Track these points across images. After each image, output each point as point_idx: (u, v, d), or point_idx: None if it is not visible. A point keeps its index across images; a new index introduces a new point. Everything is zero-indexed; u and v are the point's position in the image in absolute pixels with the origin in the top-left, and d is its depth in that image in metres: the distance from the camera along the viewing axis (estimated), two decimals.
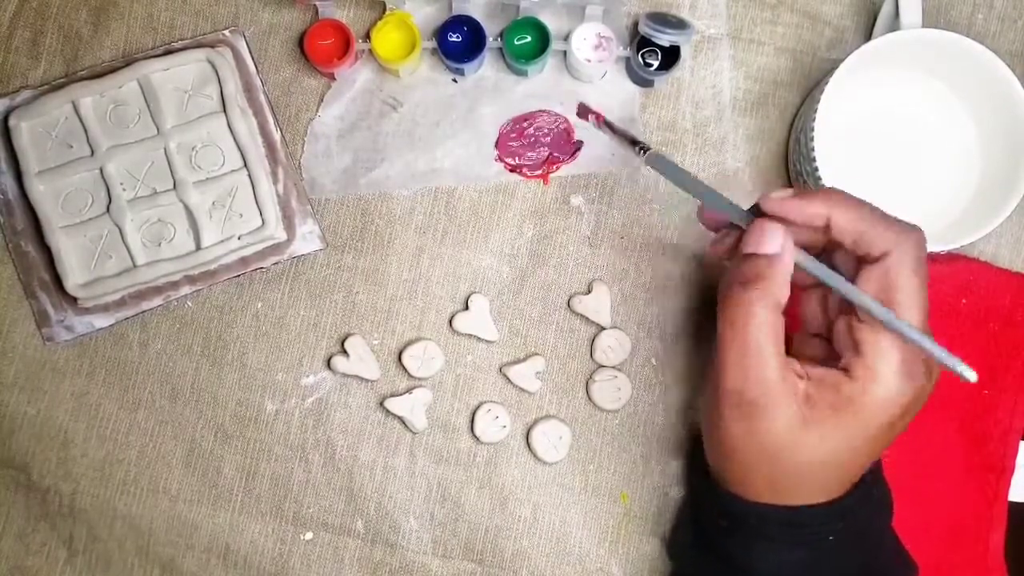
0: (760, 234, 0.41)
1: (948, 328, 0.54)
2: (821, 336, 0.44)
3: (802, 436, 0.40)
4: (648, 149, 0.45)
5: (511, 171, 0.56)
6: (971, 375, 0.38)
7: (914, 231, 0.40)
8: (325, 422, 0.55)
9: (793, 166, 0.54)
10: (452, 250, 0.56)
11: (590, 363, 0.55)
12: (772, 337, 0.40)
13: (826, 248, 0.42)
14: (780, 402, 0.40)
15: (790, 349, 0.42)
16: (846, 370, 0.40)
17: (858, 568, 0.44)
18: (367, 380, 0.55)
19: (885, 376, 0.39)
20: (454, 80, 0.56)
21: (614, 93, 0.56)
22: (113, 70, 0.54)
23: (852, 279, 0.41)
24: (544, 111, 0.56)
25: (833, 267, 0.42)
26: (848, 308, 0.41)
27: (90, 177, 0.53)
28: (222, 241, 0.53)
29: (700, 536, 0.49)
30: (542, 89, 0.56)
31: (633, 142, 0.46)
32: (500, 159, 0.56)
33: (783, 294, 0.41)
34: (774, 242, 0.41)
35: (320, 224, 0.55)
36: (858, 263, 0.41)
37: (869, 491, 0.44)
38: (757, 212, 0.42)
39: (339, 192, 0.56)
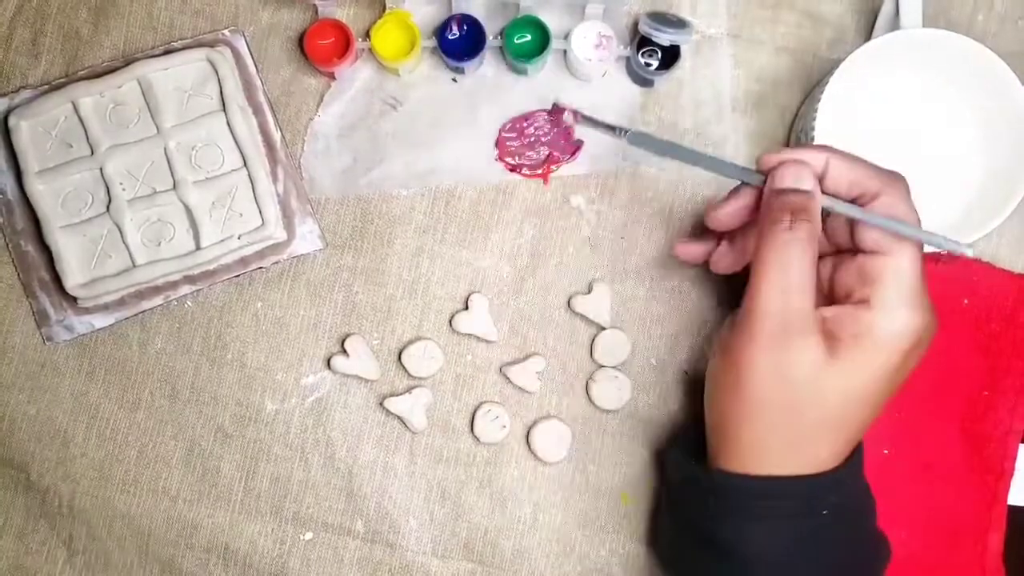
0: (796, 171, 0.43)
1: (949, 328, 0.54)
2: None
3: (826, 370, 0.41)
4: (628, 131, 0.47)
5: (511, 171, 0.56)
6: (968, 251, 0.41)
7: (900, 177, 0.43)
8: (325, 422, 0.55)
9: None
10: (452, 250, 0.56)
11: (590, 363, 0.55)
12: (811, 267, 0.42)
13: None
14: (811, 333, 0.42)
15: None
16: (862, 302, 0.42)
17: (846, 547, 0.45)
18: (367, 380, 0.55)
19: (901, 304, 0.41)
20: (454, 79, 0.56)
21: (614, 92, 0.56)
22: (113, 70, 0.54)
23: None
24: (544, 110, 0.56)
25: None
26: (853, 251, 0.43)
27: (90, 177, 0.53)
28: (222, 241, 0.53)
29: (688, 531, 0.48)
30: (542, 88, 0.56)
31: (613, 128, 0.47)
32: (500, 159, 0.56)
33: (819, 230, 0.43)
34: (808, 180, 0.43)
35: (320, 224, 0.55)
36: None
37: (858, 468, 0.45)
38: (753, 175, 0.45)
39: (339, 191, 0.56)
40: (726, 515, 0.44)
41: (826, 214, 0.44)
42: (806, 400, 0.42)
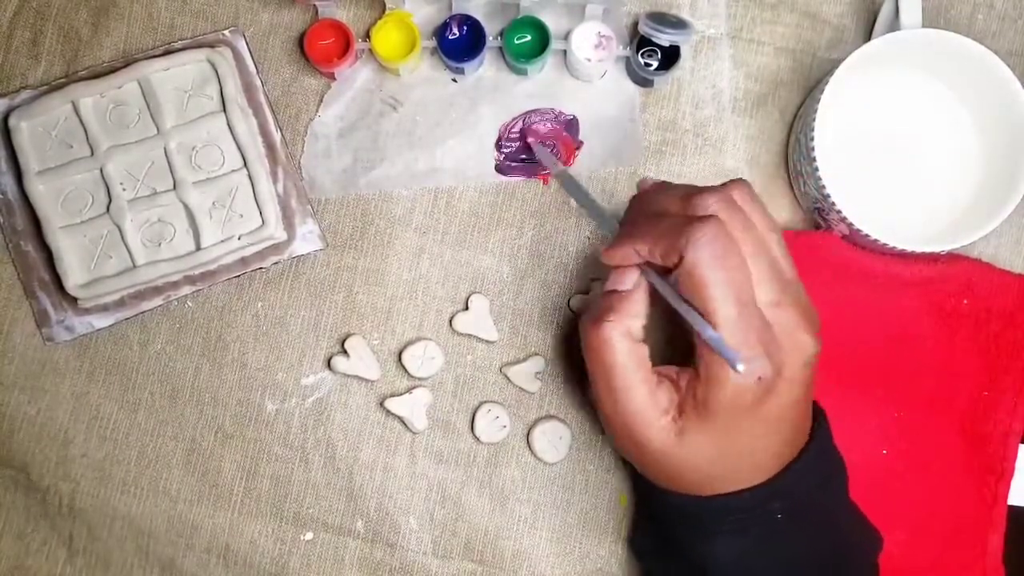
0: (618, 275, 0.44)
1: (949, 328, 0.54)
2: None
3: (680, 446, 0.42)
4: (560, 170, 0.50)
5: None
6: (740, 367, 0.39)
7: (702, 224, 0.39)
8: (325, 422, 0.55)
9: (793, 166, 0.54)
10: (452, 250, 0.56)
11: None
12: (634, 363, 0.42)
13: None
14: (650, 425, 0.42)
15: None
16: (694, 369, 0.42)
17: (814, 541, 0.44)
18: (367, 380, 0.55)
19: (721, 374, 0.40)
20: (454, 80, 0.56)
21: (614, 93, 0.56)
22: (113, 70, 0.54)
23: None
24: (544, 111, 0.56)
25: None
26: None
27: (90, 177, 0.53)
28: (222, 241, 0.53)
29: (657, 534, 0.49)
30: (542, 88, 0.56)
31: (553, 163, 0.51)
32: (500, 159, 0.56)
33: (637, 322, 0.43)
34: (628, 280, 0.43)
35: (320, 224, 0.55)
36: None
37: (808, 467, 0.44)
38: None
39: (339, 192, 0.56)
40: (687, 531, 0.45)
41: None
42: (676, 470, 0.43)
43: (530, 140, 0.55)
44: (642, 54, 0.54)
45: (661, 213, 0.43)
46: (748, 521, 0.43)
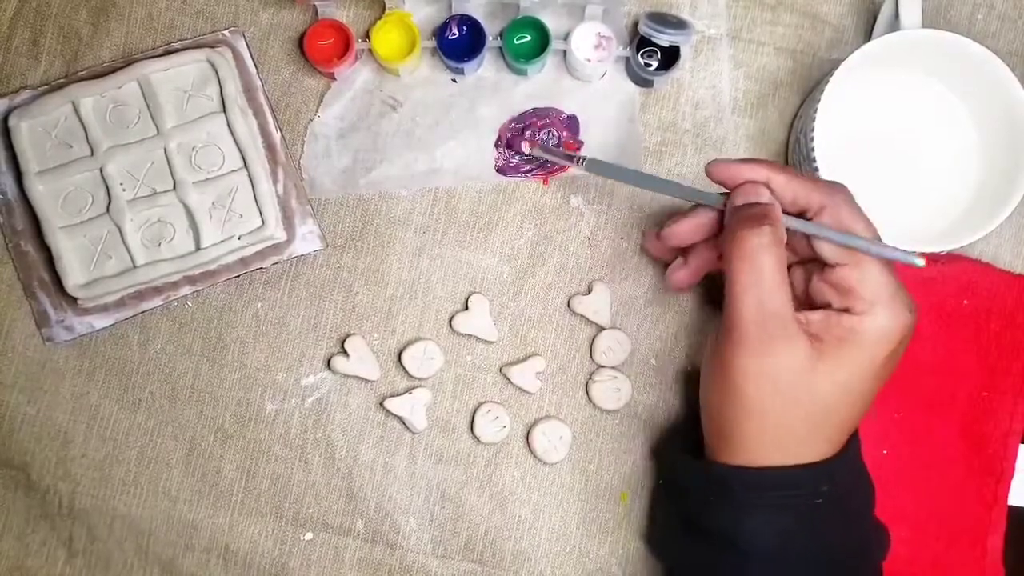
0: (753, 188, 0.45)
1: (949, 328, 0.54)
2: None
3: (814, 371, 0.43)
4: (584, 159, 0.50)
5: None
6: (920, 262, 0.41)
7: (841, 187, 0.44)
8: (325, 422, 0.55)
9: (793, 166, 0.54)
10: (452, 250, 0.56)
11: (590, 363, 0.55)
12: (780, 270, 0.43)
13: None
14: (795, 336, 0.43)
15: None
16: (843, 311, 0.43)
17: (842, 535, 0.45)
18: (367, 380, 0.55)
19: (880, 307, 0.42)
20: (454, 80, 0.56)
21: (613, 93, 0.56)
22: (113, 70, 0.54)
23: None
24: (544, 111, 0.56)
25: None
26: (820, 262, 0.44)
27: (90, 177, 0.53)
28: (222, 241, 0.53)
29: (685, 523, 0.49)
30: (542, 89, 0.56)
31: (569, 157, 0.49)
32: (499, 159, 0.56)
33: (783, 234, 0.43)
34: (765, 195, 0.44)
35: (320, 224, 0.55)
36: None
37: (853, 457, 0.46)
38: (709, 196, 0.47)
39: (339, 192, 0.56)
40: (725, 507, 0.45)
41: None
42: (794, 400, 0.43)
43: (533, 150, 0.54)
44: (642, 54, 0.54)
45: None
46: (794, 499, 0.44)
